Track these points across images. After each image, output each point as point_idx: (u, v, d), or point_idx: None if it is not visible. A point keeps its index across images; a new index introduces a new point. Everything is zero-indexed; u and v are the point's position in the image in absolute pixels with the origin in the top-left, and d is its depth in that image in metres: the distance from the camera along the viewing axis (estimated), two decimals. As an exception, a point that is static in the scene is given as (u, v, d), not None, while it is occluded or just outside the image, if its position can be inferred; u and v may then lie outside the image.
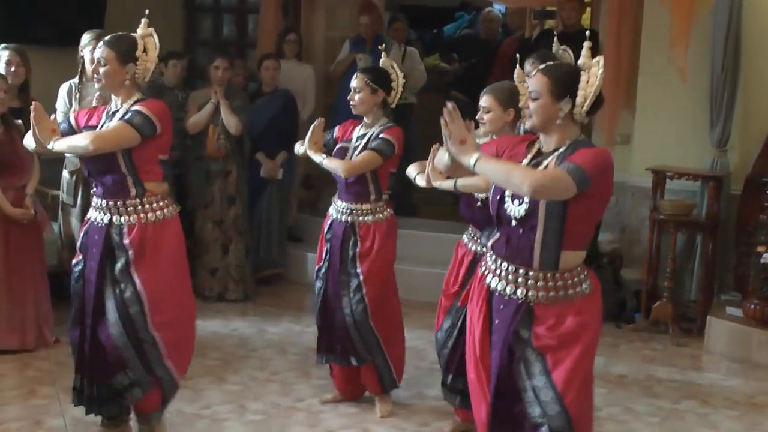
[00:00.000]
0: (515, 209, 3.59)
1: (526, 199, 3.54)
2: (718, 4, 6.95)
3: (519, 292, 3.62)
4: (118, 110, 4.52)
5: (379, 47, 5.70)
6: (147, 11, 4.62)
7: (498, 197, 3.68)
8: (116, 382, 4.61)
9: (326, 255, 5.39)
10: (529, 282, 3.61)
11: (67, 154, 6.30)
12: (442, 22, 12.54)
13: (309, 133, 5.28)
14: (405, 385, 5.69)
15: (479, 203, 4.76)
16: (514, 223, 3.60)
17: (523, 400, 3.63)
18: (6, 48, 6.29)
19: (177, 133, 7.44)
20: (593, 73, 3.60)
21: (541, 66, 3.65)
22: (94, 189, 4.61)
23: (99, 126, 4.54)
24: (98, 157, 4.43)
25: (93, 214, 4.59)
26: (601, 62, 3.60)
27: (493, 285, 3.71)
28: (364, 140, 5.24)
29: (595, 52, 6.25)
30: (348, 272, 5.28)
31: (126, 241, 4.48)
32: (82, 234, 4.68)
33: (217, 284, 7.52)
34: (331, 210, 5.42)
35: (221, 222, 7.49)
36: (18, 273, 6.05)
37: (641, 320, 7.16)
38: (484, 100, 4.73)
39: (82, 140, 4.39)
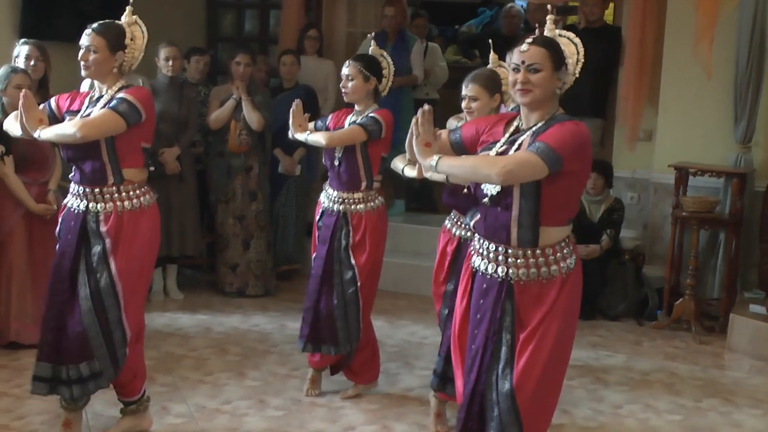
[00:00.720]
0: (489, 188, 3.57)
1: None
2: (745, -1, 6.91)
3: (500, 270, 3.60)
4: (101, 96, 4.51)
5: (369, 35, 5.75)
6: (131, 6, 4.64)
7: None
8: (77, 370, 4.54)
9: (319, 243, 5.42)
10: (509, 260, 3.58)
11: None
12: (464, 18, 12.51)
13: (291, 117, 5.29)
14: (425, 382, 5.68)
15: (465, 190, 4.78)
16: (487, 201, 3.57)
17: (491, 378, 3.61)
18: (26, 43, 6.31)
19: (199, 129, 7.50)
20: (564, 43, 3.66)
21: (531, 39, 3.59)
22: (72, 174, 4.58)
23: (81, 112, 4.52)
24: (80, 144, 4.40)
25: (70, 200, 4.58)
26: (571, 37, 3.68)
27: (476, 264, 3.70)
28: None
29: (617, 47, 6.27)
30: (341, 261, 5.30)
31: (103, 229, 4.46)
32: (60, 219, 4.65)
33: (237, 279, 7.53)
34: (322, 197, 5.44)
35: (242, 217, 7.49)
36: (41, 268, 6.06)
37: (663, 317, 7.13)
38: (471, 89, 4.78)
39: (69, 128, 4.36)
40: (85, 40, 4.49)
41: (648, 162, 7.59)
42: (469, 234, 4.85)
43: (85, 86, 6.48)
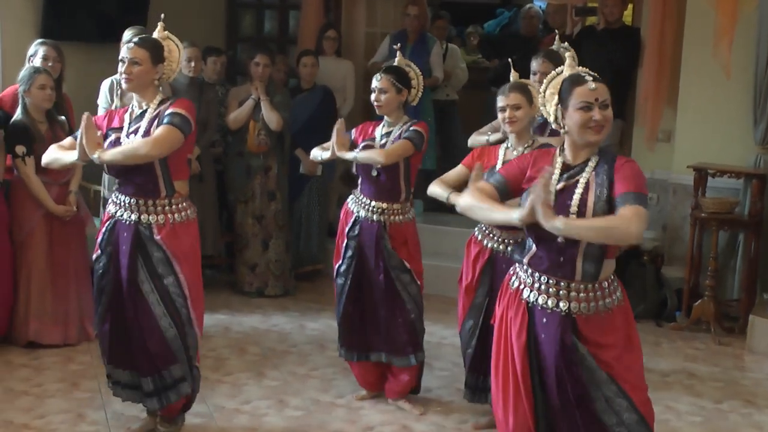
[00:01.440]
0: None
1: (572, 210, 3.52)
2: (765, -1, 6.88)
3: (561, 304, 3.60)
4: (144, 111, 4.54)
5: (394, 47, 5.70)
6: (162, 15, 4.68)
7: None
8: (161, 378, 4.61)
9: (351, 253, 5.34)
10: (571, 294, 3.60)
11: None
12: (483, 19, 12.50)
13: (334, 137, 5.25)
14: (444, 383, 5.69)
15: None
16: (563, 240, 3.53)
17: (596, 409, 3.61)
18: (43, 43, 6.31)
19: (218, 129, 7.52)
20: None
21: (590, 76, 3.59)
22: (122, 187, 4.60)
23: (126, 128, 4.53)
24: (129, 165, 4.45)
25: (118, 212, 4.59)
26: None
27: (532, 299, 3.67)
28: (391, 137, 5.23)
29: (636, 48, 6.26)
30: (396, 268, 5.27)
31: (157, 237, 4.51)
32: (104, 230, 4.67)
33: (257, 279, 7.55)
34: (354, 207, 5.38)
35: (262, 217, 7.51)
36: (61, 268, 6.11)
37: (683, 319, 7.11)
38: (513, 98, 4.74)
39: (140, 148, 4.37)
40: (126, 53, 4.50)
41: (667, 163, 7.55)
42: (501, 247, 4.85)
43: (103, 91, 6.51)
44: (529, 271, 3.69)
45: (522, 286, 3.72)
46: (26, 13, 7.20)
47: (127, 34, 6.43)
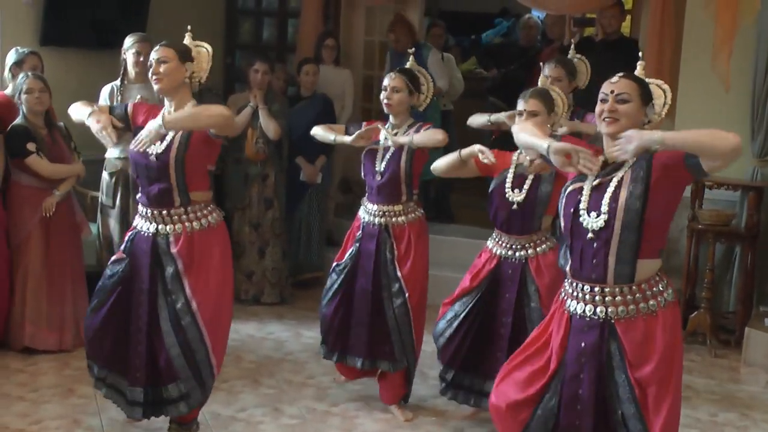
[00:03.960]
0: (592, 222, 3.56)
1: (603, 209, 3.52)
2: (764, 9, 6.88)
3: (598, 310, 3.59)
4: None
5: (409, 50, 5.73)
6: (189, 27, 4.67)
7: (572, 210, 3.64)
8: (164, 392, 4.60)
9: (353, 255, 5.37)
10: (607, 299, 3.58)
11: (108, 156, 6.37)
12: (481, 29, 12.55)
13: (363, 131, 5.28)
14: (438, 392, 5.69)
15: (515, 206, 4.79)
16: (590, 236, 3.54)
17: (611, 420, 3.58)
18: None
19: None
20: (653, 86, 3.74)
21: (622, 73, 3.66)
22: (139, 196, 4.62)
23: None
24: (152, 166, 4.46)
25: (139, 223, 4.60)
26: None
27: (572, 309, 3.67)
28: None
29: (634, 60, 6.29)
30: (388, 275, 5.27)
31: (174, 251, 4.49)
32: (127, 238, 4.67)
33: (253, 287, 7.54)
34: (362, 213, 5.42)
35: (258, 225, 7.51)
36: (57, 273, 6.11)
37: (679, 330, 7.09)
38: (531, 104, 4.73)
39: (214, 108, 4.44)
40: (153, 55, 4.51)
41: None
42: (510, 253, 4.85)
43: (103, 97, 6.50)
44: (569, 280, 3.70)
45: (566, 297, 3.72)
46: (26, 20, 7.20)
47: (128, 41, 6.46)
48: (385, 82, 5.28)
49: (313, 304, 7.53)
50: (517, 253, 4.86)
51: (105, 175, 6.50)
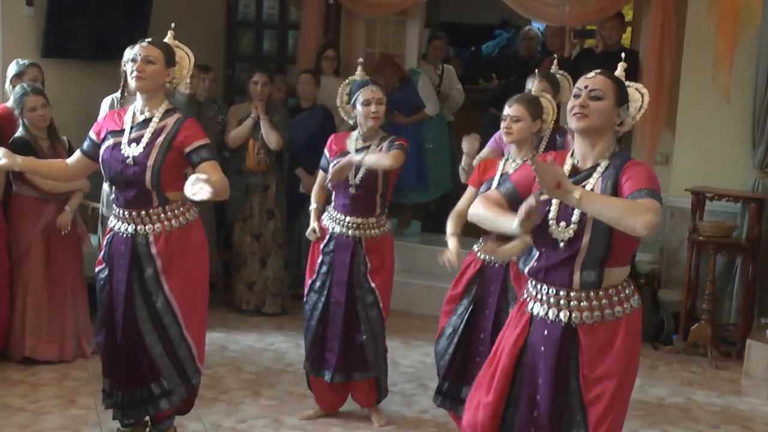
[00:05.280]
0: (562, 232, 3.46)
1: (574, 219, 3.41)
2: (765, 21, 6.89)
3: (562, 315, 3.51)
4: (148, 119, 4.48)
5: (359, 60, 5.74)
6: (173, 24, 4.64)
7: (540, 219, 3.52)
8: (146, 391, 4.61)
9: (327, 269, 5.33)
10: (571, 303, 3.50)
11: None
12: (481, 40, 12.55)
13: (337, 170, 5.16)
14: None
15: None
16: (562, 245, 3.47)
17: (561, 422, 3.55)
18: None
19: (215, 147, 7.51)
20: (645, 94, 3.65)
21: (600, 70, 3.57)
22: (114, 199, 4.60)
23: (127, 132, 4.47)
24: (127, 174, 4.43)
25: (116, 224, 4.58)
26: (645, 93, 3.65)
27: (535, 311, 3.60)
28: (371, 151, 5.17)
29: (634, 71, 6.29)
30: (362, 287, 5.27)
31: (153, 251, 4.49)
32: (105, 243, 4.66)
33: (254, 298, 7.54)
34: (330, 222, 5.35)
35: (260, 235, 7.51)
36: (57, 284, 6.10)
37: (679, 342, 7.10)
38: (515, 110, 4.75)
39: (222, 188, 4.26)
40: (139, 50, 4.44)
41: (665, 186, 7.53)
42: (492, 258, 4.84)
43: (104, 109, 6.49)
44: (533, 282, 3.63)
45: (528, 299, 3.66)
46: (28, 31, 7.21)
47: (129, 53, 6.45)
48: (369, 95, 5.18)
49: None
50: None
51: (105, 186, 6.50)
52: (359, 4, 8.66)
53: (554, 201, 3.49)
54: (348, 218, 5.27)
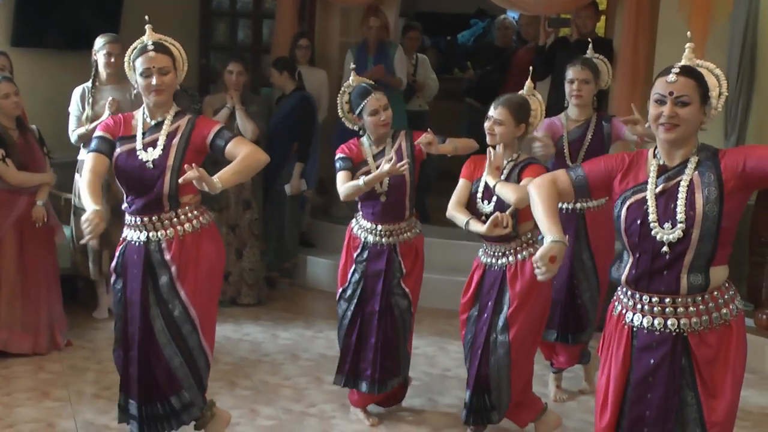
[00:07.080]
0: (667, 234, 3.30)
1: (679, 218, 3.26)
2: (736, 12, 6.92)
3: (669, 323, 3.36)
4: (160, 122, 4.39)
5: (350, 67, 5.51)
6: (146, 17, 4.52)
7: (639, 222, 3.36)
8: (167, 405, 4.49)
9: (359, 278, 5.24)
10: (679, 310, 3.34)
11: (80, 158, 6.34)
12: (457, 29, 12.56)
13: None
14: (416, 392, 5.69)
15: (483, 217, 4.73)
16: (664, 249, 3.31)
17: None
18: (1, 53, 6.06)
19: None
20: (705, 74, 3.47)
21: (677, 69, 3.36)
22: (127, 206, 4.47)
23: (139, 138, 4.37)
24: (146, 177, 4.34)
25: (129, 234, 4.46)
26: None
27: (636, 322, 3.42)
28: (386, 156, 5.02)
29: (608, 60, 6.29)
30: (397, 294, 5.22)
31: (167, 257, 4.38)
32: (117, 254, 4.53)
33: (230, 288, 7.51)
34: (360, 232, 5.24)
35: (236, 226, 7.49)
36: (31, 277, 6.06)
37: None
38: (499, 113, 4.70)
39: (259, 158, 4.39)
40: (149, 62, 4.29)
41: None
42: (492, 260, 4.83)
43: (75, 99, 6.41)
44: (629, 292, 3.45)
45: (624, 310, 3.47)
46: (-2, 21, 7.17)
47: (99, 41, 6.42)
48: (375, 104, 5.04)
49: (288, 305, 7.57)
50: (499, 261, 4.79)
51: (77, 177, 6.46)
52: (334, -7, 8.65)
53: (649, 202, 3.35)
54: (380, 226, 5.18)
